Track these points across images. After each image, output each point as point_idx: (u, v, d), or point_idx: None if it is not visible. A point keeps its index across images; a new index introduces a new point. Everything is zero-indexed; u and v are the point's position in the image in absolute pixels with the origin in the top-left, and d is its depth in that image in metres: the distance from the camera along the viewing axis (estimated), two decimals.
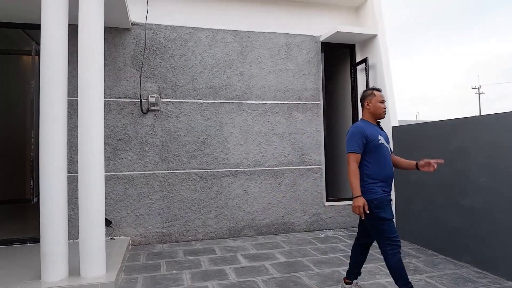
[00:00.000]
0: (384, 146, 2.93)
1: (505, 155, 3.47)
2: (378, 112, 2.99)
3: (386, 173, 2.88)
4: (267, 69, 5.54)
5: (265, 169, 5.45)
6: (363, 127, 2.93)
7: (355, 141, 2.88)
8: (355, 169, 2.85)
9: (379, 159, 2.88)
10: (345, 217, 5.79)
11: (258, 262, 4.13)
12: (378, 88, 3.11)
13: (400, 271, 2.78)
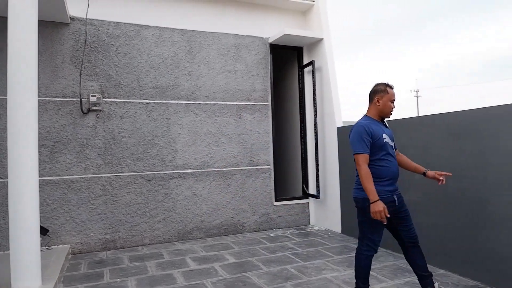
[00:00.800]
0: (389, 145, 2.82)
1: (438, 153, 3.71)
2: (387, 110, 2.86)
3: (392, 173, 2.78)
4: (216, 69, 5.49)
5: (214, 170, 5.39)
6: (367, 125, 2.78)
7: (361, 140, 2.73)
8: (367, 171, 2.67)
9: (385, 158, 2.77)
10: (294, 216, 5.89)
11: (207, 264, 4.07)
12: (392, 85, 2.90)
13: (364, 271, 2.84)
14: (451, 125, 3.60)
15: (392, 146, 2.85)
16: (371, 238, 2.78)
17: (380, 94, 2.85)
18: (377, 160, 2.77)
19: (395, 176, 2.80)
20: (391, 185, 2.77)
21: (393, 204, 2.74)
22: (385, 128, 2.87)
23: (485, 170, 3.24)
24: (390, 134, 2.89)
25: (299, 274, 3.69)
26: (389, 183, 2.76)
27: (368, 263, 2.82)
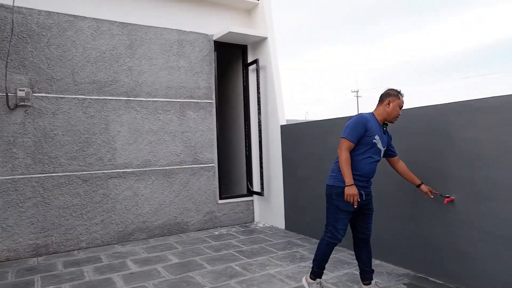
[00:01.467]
0: (377, 147, 2.88)
1: None
2: (393, 115, 2.91)
3: (364, 170, 2.87)
4: (158, 65, 5.33)
5: (157, 169, 5.24)
6: (367, 120, 2.85)
7: (354, 129, 2.81)
8: (347, 157, 2.79)
9: (364, 155, 2.86)
10: (239, 214, 5.91)
11: (149, 266, 3.94)
12: (403, 93, 2.97)
13: (322, 256, 2.98)
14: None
15: (380, 151, 2.92)
16: (334, 225, 2.90)
17: (392, 97, 2.91)
18: (358, 154, 2.86)
19: (366, 175, 2.89)
20: (361, 181, 2.87)
21: (361, 198, 2.86)
22: (382, 133, 2.93)
23: (416, 165, 3.48)
24: (385, 139, 2.96)
25: (243, 271, 3.71)
26: (359, 178, 2.86)
27: (327, 249, 2.96)
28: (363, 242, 3.05)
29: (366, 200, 2.94)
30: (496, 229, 2.89)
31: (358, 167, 2.85)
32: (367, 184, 2.95)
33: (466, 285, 3.11)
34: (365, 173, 2.88)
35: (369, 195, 2.98)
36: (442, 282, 3.26)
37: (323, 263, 3.01)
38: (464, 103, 3.12)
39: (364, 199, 2.90)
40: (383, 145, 2.93)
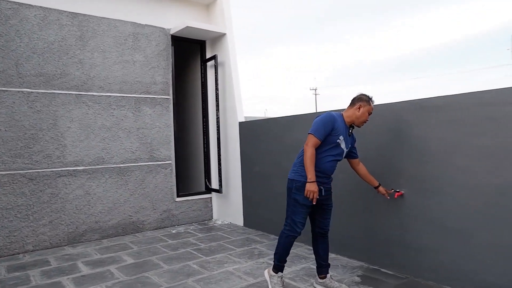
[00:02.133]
0: (340, 148, 2.94)
1: None
2: (362, 120, 2.98)
3: (323, 167, 2.92)
4: (112, 58, 5.12)
5: (110, 167, 5.04)
6: (335, 120, 2.91)
7: (322, 127, 2.85)
8: (312, 154, 2.83)
9: (325, 153, 2.91)
10: (197, 211, 5.83)
11: (102, 268, 3.79)
12: (374, 100, 3.06)
13: (282, 249, 3.02)
14: None
15: (343, 151, 2.98)
16: (293, 219, 2.95)
17: (364, 102, 2.97)
18: (321, 151, 2.91)
19: (325, 172, 2.95)
20: (320, 177, 2.92)
21: (319, 193, 2.91)
22: (347, 134, 3.00)
23: (369, 161, 3.60)
24: (349, 141, 3.03)
25: (201, 270, 3.66)
26: (319, 174, 2.90)
27: (286, 242, 3.00)
28: (321, 237, 3.11)
29: (325, 195, 3.00)
30: (442, 222, 3.06)
31: (318, 164, 2.90)
32: (327, 180, 3.00)
33: (415, 275, 3.27)
34: (324, 170, 2.94)
35: (328, 191, 3.04)
36: (393, 272, 3.40)
37: (284, 257, 3.04)
38: (414, 102, 3.26)
39: (323, 195, 2.96)
40: (346, 146, 2.99)
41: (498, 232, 2.73)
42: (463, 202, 2.93)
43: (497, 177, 2.72)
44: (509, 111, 2.65)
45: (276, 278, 3.05)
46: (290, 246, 3.02)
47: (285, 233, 3.01)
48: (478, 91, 2.84)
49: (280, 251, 3.04)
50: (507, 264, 2.69)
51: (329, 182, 3.05)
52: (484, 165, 2.79)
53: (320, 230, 3.10)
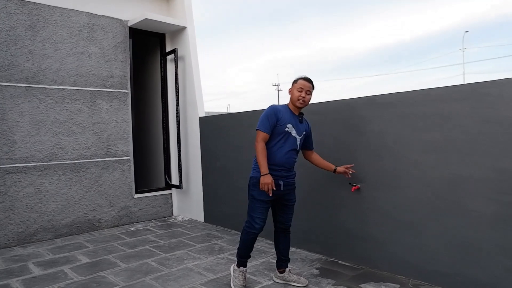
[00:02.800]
0: (292, 137, 2.93)
1: None
2: (294, 98, 2.95)
3: (278, 160, 2.90)
4: (65, 50, 4.88)
5: (64, 163, 4.82)
6: (278, 110, 2.91)
7: (266, 120, 2.88)
8: (262, 148, 2.84)
9: (277, 145, 2.91)
10: (156, 208, 5.72)
11: (55, 268, 3.63)
12: (308, 78, 3.00)
13: (243, 245, 3.02)
14: None
15: (296, 139, 2.96)
16: (251, 215, 2.95)
17: (292, 84, 3.01)
18: (273, 144, 2.92)
19: (282, 164, 2.92)
20: (278, 170, 2.91)
21: (277, 187, 2.89)
22: (297, 122, 2.98)
23: (327, 156, 3.68)
24: (301, 128, 3.01)
25: (160, 267, 3.60)
26: (276, 168, 2.90)
27: (246, 239, 2.99)
28: (282, 232, 3.13)
29: (285, 190, 2.98)
30: (397, 214, 3.20)
31: (273, 157, 2.90)
32: (286, 173, 2.97)
33: (371, 266, 3.40)
34: (280, 163, 2.91)
35: (289, 186, 3.01)
36: (350, 264, 3.52)
37: (245, 252, 3.04)
38: (371, 98, 3.37)
39: (282, 189, 2.95)
40: (298, 134, 2.98)
41: (445, 223, 2.89)
42: (414, 195, 3.07)
43: (445, 171, 2.88)
44: (455, 108, 2.81)
45: (238, 273, 3.06)
46: (250, 242, 3.00)
47: (245, 229, 3.00)
48: (427, 88, 2.99)
49: (241, 247, 3.04)
50: (452, 254, 2.85)
51: (291, 176, 3.02)
52: (434, 159, 2.94)
53: (281, 225, 3.11)
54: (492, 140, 2.63)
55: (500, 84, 2.58)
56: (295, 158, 3.02)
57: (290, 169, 3.01)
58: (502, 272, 2.60)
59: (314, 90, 3.03)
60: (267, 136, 2.89)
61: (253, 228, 2.94)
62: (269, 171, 2.84)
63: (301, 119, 3.04)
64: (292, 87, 3.01)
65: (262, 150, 2.85)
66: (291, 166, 3.01)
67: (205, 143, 5.34)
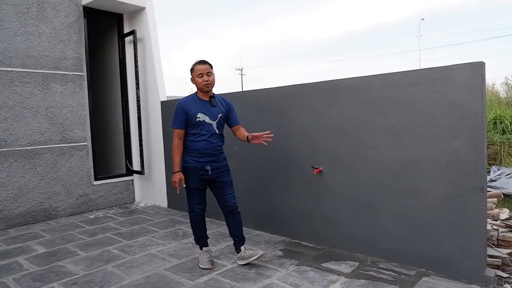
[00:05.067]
0: (206, 123, 2.99)
1: (251, 126, 4.06)
2: (199, 86, 3.00)
3: (199, 147, 2.99)
4: (12, 29, 4.56)
5: (15, 150, 4.56)
6: (185, 103, 3.00)
7: (176, 117, 2.99)
8: (176, 144, 3.01)
9: (195, 135, 3.00)
10: (117, 195, 5.58)
11: (8, 260, 3.47)
12: (202, 60, 3.02)
13: (193, 230, 3.24)
14: (259, 100, 3.99)
15: (211, 125, 3.02)
16: (188, 201, 3.15)
17: (192, 73, 3.04)
18: (189, 135, 3.03)
19: (203, 151, 3.01)
20: (202, 157, 3.02)
21: (204, 172, 3.03)
22: (208, 107, 3.02)
23: (288, 140, 3.74)
24: (213, 112, 3.04)
25: (122, 254, 3.54)
26: (199, 155, 3.01)
27: (192, 223, 3.20)
28: (229, 214, 3.17)
29: (215, 174, 3.06)
30: (354, 195, 3.31)
31: (195, 146, 3.01)
32: (213, 158, 3.05)
33: (332, 245, 3.52)
34: (201, 150, 3.01)
35: (218, 169, 3.08)
36: (313, 245, 3.62)
37: (198, 235, 3.23)
38: (330, 82, 3.43)
39: (210, 174, 3.04)
40: (212, 118, 3.03)
41: (400, 203, 3.04)
42: (372, 176, 3.19)
43: (401, 153, 3.01)
44: (410, 92, 2.92)
45: (202, 254, 3.20)
46: (197, 224, 3.18)
47: (190, 216, 3.19)
48: (384, 73, 3.08)
49: (193, 231, 3.26)
50: (407, 232, 3.01)
51: (219, 160, 3.10)
52: (390, 142, 3.06)
53: (224, 206, 3.15)
54: (443, 124, 2.77)
55: (452, 70, 2.71)
56: (218, 142, 3.08)
57: (216, 154, 3.08)
58: (452, 248, 2.79)
59: (213, 69, 3.05)
60: (182, 132, 3.02)
61: (194, 212, 3.14)
62: (195, 158, 3.01)
63: (212, 103, 3.06)
64: (192, 75, 3.03)
65: (176, 148, 3.02)
66: (216, 150, 3.08)
67: (168, 128, 5.23)
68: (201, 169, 3.02)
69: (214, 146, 3.05)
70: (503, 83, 9.62)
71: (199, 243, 3.25)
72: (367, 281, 2.80)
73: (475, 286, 2.66)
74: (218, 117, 3.06)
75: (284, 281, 2.86)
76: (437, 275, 2.85)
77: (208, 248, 3.23)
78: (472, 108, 2.63)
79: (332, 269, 3.05)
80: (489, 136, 6.70)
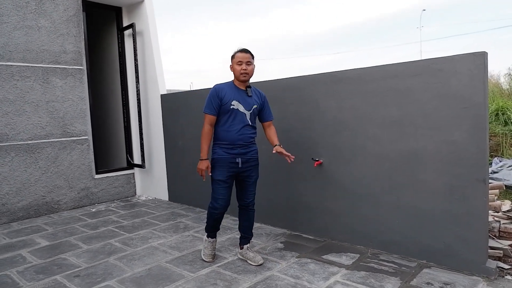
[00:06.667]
0: (240, 112, 2.86)
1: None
2: (236, 74, 2.89)
3: (231, 138, 2.86)
4: (11, 23, 4.54)
5: (16, 144, 4.57)
6: (221, 89, 2.88)
7: (209, 101, 2.87)
8: (207, 131, 2.88)
9: (227, 123, 2.87)
10: (118, 188, 5.60)
11: (11, 253, 3.49)
12: (244, 48, 2.90)
13: (209, 221, 3.09)
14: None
15: (245, 115, 2.89)
16: (212, 195, 2.98)
17: (232, 60, 2.93)
18: (221, 123, 2.91)
19: (235, 142, 2.87)
20: (233, 149, 2.89)
21: (234, 165, 2.90)
22: (244, 96, 2.90)
23: (288, 132, 3.73)
24: (250, 102, 2.92)
25: (123, 247, 3.56)
26: (229, 146, 2.88)
27: (209, 216, 3.05)
28: (243, 210, 3.11)
29: (244, 167, 2.95)
30: (354, 187, 3.31)
31: (226, 136, 2.88)
32: (245, 150, 2.93)
33: (332, 238, 3.53)
34: (234, 140, 2.88)
35: (248, 162, 2.96)
36: (313, 237, 3.63)
37: (211, 229, 3.13)
38: (329, 74, 3.41)
39: (240, 166, 2.92)
40: (247, 108, 2.91)
41: (400, 195, 3.04)
42: (372, 168, 3.18)
43: (401, 144, 3.00)
44: (410, 83, 2.90)
45: (207, 243, 3.17)
46: (214, 220, 3.04)
47: (209, 209, 3.04)
48: (384, 65, 3.06)
49: (207, 223, 3.13)
50: (407, 223, 3.01)
51: (250, 153, 2.97)
52: (391, 134, 3.05)
53: (241, 202, 3.09)
54: (445, 115, 2.75)
55: (453, 60, 2.68)
56: (251, 133, 2.96)
57: (248, 146, 2.95)
58: (453, 239, 2.79)
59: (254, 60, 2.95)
60: (214, 118, 2.90)
61: (214, 208, 2.96)
62: (224, 149, 2.89)
63: (248, 93, 2.95)
64: (232, 62, 2.92)
65: (206, 134, 2.89)
66: (249, 142, 2.95)
67: (167, 121, 5.24)
68: (231, 161, 2.88)
69: (247, 137, 2.91)
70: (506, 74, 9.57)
71: (209, 233, 3.17)
72: (368, 273, 2.81)
73: (476, 277, 2.66)
74: (252, 107, 2.93)
75: (285, 273, 2.87)
76: (438, 266, 2.85)
77: (214, 240, 3.17)
78: (474, 99, 2.61)
79: (332, 261, 3.06)
80: (491, 128, 6.67)
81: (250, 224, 3.15)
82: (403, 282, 2.64)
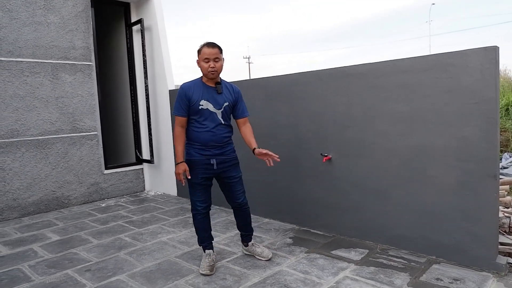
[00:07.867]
0: (209, 111, 2.70)
1: (260, 114, 4.05)
2: (204, 72, 2.70)
3: (203, 139, 2.72)
4: (21, 19, 4.57)
5: (27, 139, 4.62)
6: (188, 88, 2.71)
7: (178, 103, 2.73)
8: (178, 134, 2.75)
9: (198, 124, 2.73)
10: (128, 183, 5.64)
11: (23, 247, 3.55)
12: (211, 42, 2.69)
13: (196, 230, 2.94)
14: (267, 88, 3.97)
15: (216, 114, 2.73)
16: (191, 198, 2.88)
17: (198, 55, 2.72)
18: (192, 123, 2.77)
19: (207, 143, 2.74)
20: (205, 150, 2.75)
21: (209, 167, 2.77)
22: (214, 94, 2.73)
23: (297, 128, 3.72)
24: (219, 100, 2.74)
25: (133, 242, 3.59)
26: (203, 147, 2.75)
27: (195, 221, 2.92)
28: (237, 210, 3.00)
29: (221, 168, 2.81)
30: (363, 182, 3.30)
31: (198, 137, 2.75)
32: (219, 151, 2.79)
33: (341, 233, 3.52)
34: (205, 142, 2.74)
35: (224, 163, 2.81)
36: (322, 232, 3.63)
37: (201, 235, 2.94)
38: (338, 69, 3.39)
39: (216, 168, 2.79)
40: (217, 107, 2.74)
41: (410, 190, 3.02)
42: (381, 163, 3.17)
43: (410, 140, 2.98)
44: (420, 78, 2.87)
45: (203, 258, 2.91)
46: (200, 223, 2.89)
47: (192, 214, 2.92)
48: (394, 60, 3.03)
49: (196, 231, 2.97)
50: (417, 219, 3.00)
51: (226, 153, 2.82)
52: (400, 129, 3.03)
53: (233, 204, 2.97)
54: (455, 110, 2.73)
55: (464, 55, 2.65)
56: (225, 133, 2.80)
57: (223, 146, 2.81)
58: (463, 235, 2.77)
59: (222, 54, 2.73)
60: (184, 119, 2.75)
61: (195, 210, 2.87)
62: (198, 150, 2.75)
63: (218, 89, 2.76)
64: (198, 58, 2.71)
65: (178, 137, 2.76)
66: (223, 142, 2.79)
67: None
68: (206, 162, 2.75)
69: (220, 138, 2.75)
70: None
71: (202, 244, 2.96)
72: (377, 268, 2.81)
73: (486, 273, 2.65)
74: (223, 105, 2.76)
75: (294, 268, 2.88)
76: (447, 262, 2.84)
77: (211, 252, 2.93)
78: (485, 94, 2.58)
79: (341, 256, 3.06)
80: (501, 123, 6.59)
81: (248, 222, 3.06)
82: (412, 278, 2.63)
